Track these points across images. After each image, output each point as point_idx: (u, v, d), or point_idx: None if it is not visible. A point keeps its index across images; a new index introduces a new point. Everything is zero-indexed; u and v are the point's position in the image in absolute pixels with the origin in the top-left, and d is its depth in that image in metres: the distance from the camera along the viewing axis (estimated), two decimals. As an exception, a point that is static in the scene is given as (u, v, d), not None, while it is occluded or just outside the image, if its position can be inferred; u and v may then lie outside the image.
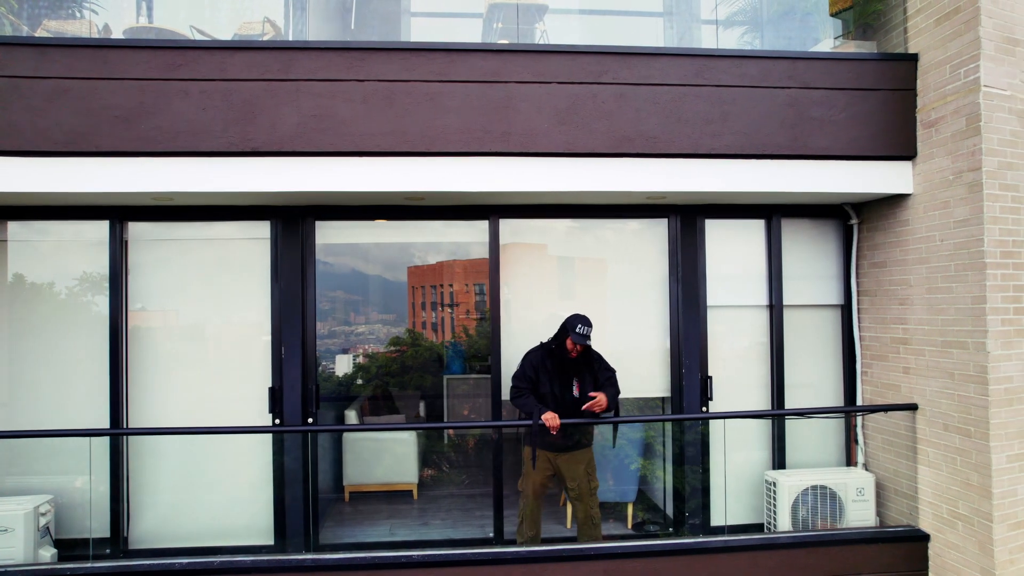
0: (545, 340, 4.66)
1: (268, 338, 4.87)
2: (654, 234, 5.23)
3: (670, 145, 4.48)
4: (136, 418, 4.80)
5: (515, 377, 4.54)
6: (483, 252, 5.10)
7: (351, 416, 6.28)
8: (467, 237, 5.21)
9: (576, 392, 4.53)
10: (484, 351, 8.08)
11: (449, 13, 5.40)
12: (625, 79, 4.46)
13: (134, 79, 4.17)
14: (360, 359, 7.63)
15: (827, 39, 5.15)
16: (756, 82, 4.54)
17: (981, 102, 4.17)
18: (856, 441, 5.25)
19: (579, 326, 4.36)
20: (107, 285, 4.75)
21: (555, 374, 4.51)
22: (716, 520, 5.16)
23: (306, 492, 4.81)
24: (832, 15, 5.46)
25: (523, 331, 5.12)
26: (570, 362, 4.52)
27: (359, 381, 7.69)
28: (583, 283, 5.27)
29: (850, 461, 5.32)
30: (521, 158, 4.40)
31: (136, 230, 4.84)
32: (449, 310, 8.05)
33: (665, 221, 5.21)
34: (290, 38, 5.11)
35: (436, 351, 8.10)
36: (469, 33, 5.49)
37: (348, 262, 5.86)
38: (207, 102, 4.18)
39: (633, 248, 5.27)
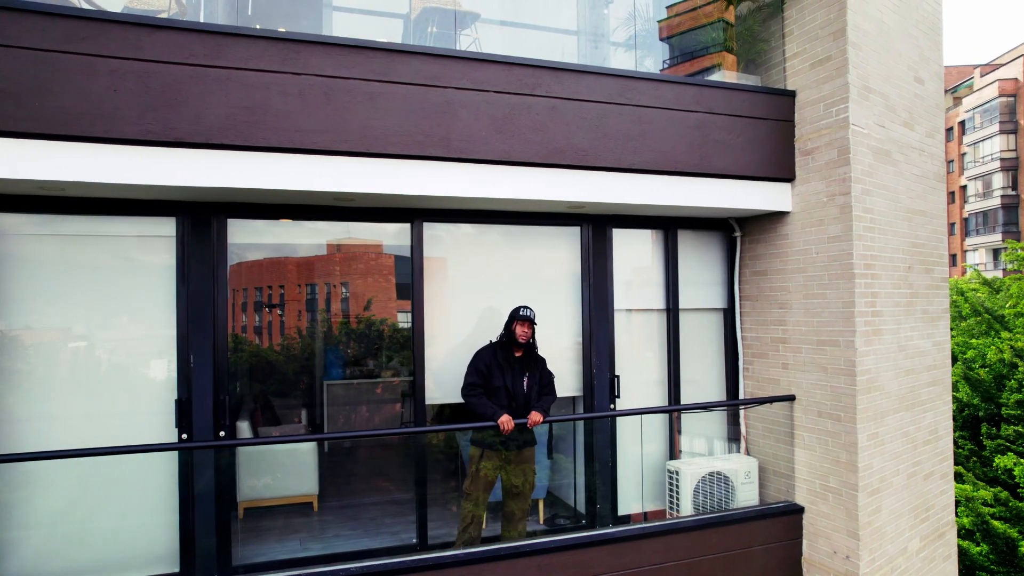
0: (494, 339, 4.89)
1: (174, 346, 4.42)
2: (569, 242, 5.49)
3: (597, 158, 4.75)
4: (6, 443, 4.12)
5: (467, 375, 4.74)
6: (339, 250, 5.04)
7: (243, 428, 5.85)
8: (396, 239, 5.13)
9: (526, 386, 4.76)
10: (363, 354, 7.91)
11: (374, 11, 5.25)
12: (557, 93, 4.66)
13: (24, 48, 3.60)
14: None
15: (718, 70, 5.73)
16: (670, 104, 4.96)
17: (850, 137, 4.92)
18: (742, 435, 5.91)
19: (521, 309, 4.73)
20: (-32, 286, 4.04)
21: (506, 367, 4.73)
22: (623, 510, 5.54)
23: (219, 512, 4.44)
24: (661, 40, 6.11)
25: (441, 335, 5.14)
26: (518, 357, 4.78)
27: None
28: (497, 287, 5.39)
29: (737, 448, 5.98)
30: (460, 164, 4.43)
31: (6, 223, 4.16)
32: (276, 312, 7.66)
33: (578, 229, 5.50)
34: (201, 19, 4.68)
35: (265, 356, 7.71)
36: (391, 35, 5.38)
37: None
38: (119, 83, 3.73)
39: (548, 255, 5.49)
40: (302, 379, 7.74)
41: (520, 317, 4.69)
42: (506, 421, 4.44)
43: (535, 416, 4.53)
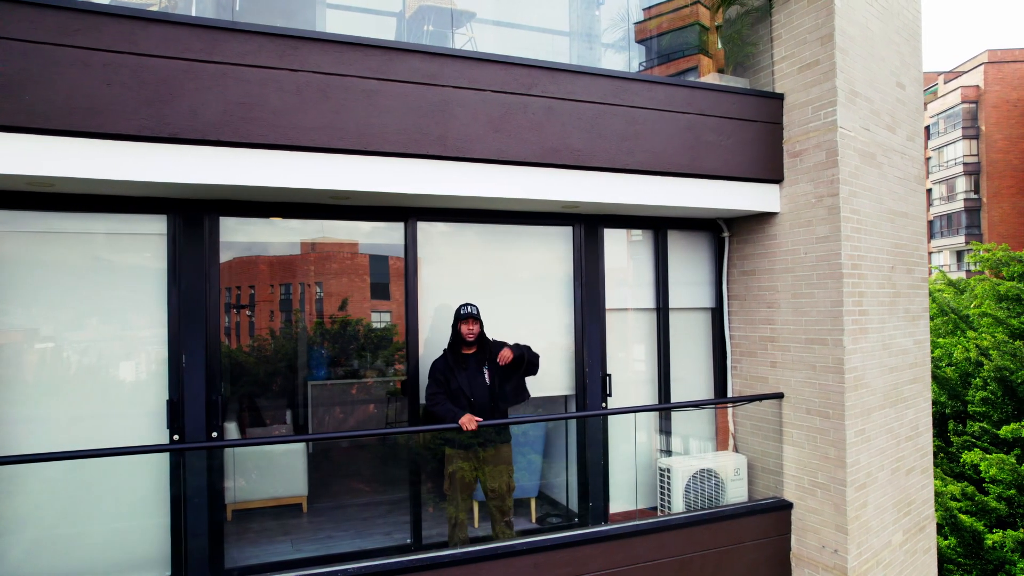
0: (446, 346, 4.84)
1: (164, 345, 4.34)
2: (561, 242, 5.51)
3: (591, 159, 4.78)
4: (-10, 444, 4.00)
5: (427, 387, 4.69)
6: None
7: (231, 428, 5.76)
8: (388, 238, 5.10)
9: (487, 379, 4.72)
10: (348, 355, 7.84)
11: (368, 9, 5.21)
12: (553, 93, 4.68)
13: (15, 40, 3.50)
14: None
15: (694, 73, 5.80)
16: (663, 106, 5.01)
17: (838, 140, 5.02)
18: (730, 432, 5.99)
19: (463, 307, 4.72)
20: (-50, 285, 3.92)
21: (459, 368, 4.69)
22: (615, 508, 5.57)
23: (211, 514, 4.37)
24: (638, 42, 6.18)
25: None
26: (471, 355, 4.74)
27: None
28: (490, 288, 5.39)
29: (720, 447, 6.06)
30: (457, 163, 4.42)
31: (-7, 219, 4.05)
32: (245, 312, 7.57)
33: (570, 229, 5.53)
34: (193, 13, 4.60)
35: (235, 357, 7.64)
36: (384, 34, 5.34)
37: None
38: (113, 77, 3.65)
39: (540, 256, 5.50)
40: (276, 379, 7.66)
41: (463, 316, 4.66)
42: (467, 421, 4.37)
43: (505, 352, 4.58)
